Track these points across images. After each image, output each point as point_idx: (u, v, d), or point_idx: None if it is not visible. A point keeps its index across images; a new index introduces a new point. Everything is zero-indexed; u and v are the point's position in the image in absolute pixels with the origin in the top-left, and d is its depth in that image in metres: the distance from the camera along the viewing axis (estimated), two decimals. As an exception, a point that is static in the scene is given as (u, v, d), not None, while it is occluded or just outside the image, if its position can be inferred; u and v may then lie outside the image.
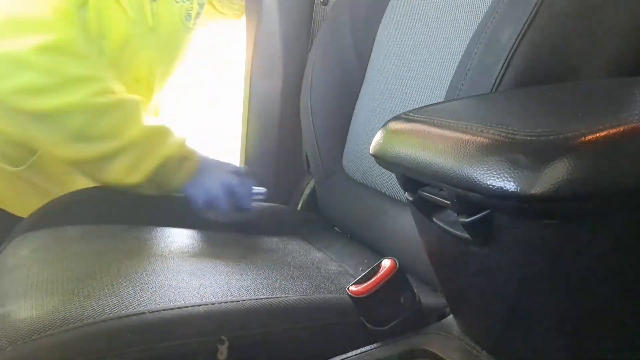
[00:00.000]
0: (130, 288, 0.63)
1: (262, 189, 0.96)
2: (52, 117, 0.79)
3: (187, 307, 0.58)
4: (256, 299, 0.61)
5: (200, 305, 0.59)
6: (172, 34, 0.96)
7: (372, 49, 0.97)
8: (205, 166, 0.91)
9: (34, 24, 0.77)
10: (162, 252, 0.76)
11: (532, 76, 0.57)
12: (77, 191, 0.89)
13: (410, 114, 0.49)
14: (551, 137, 0.34)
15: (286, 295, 0.67)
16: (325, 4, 1.10)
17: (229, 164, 0.96)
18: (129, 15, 0.87)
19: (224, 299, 0.61)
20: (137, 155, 0.83)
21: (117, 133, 0.82)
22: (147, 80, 0.96)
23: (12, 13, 0.76)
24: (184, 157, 0.88)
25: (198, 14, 0.99)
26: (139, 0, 0.88)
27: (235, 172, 0.93)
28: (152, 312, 0.56)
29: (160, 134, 0.87)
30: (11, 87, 0.76)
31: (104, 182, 0.86)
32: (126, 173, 0.83)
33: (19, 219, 0.91)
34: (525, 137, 0.35)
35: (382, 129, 0.51)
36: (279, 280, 0.72)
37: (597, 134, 0.33)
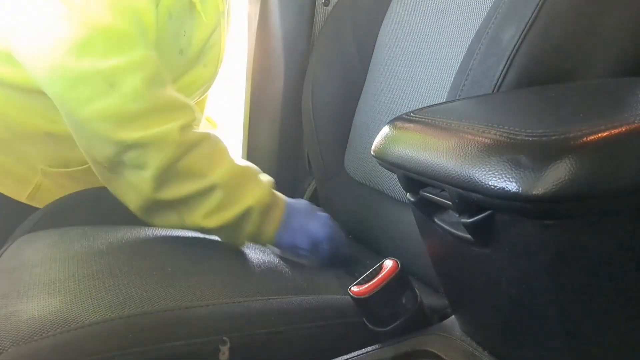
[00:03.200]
0: (132, 288, 0.63)
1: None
2: (139, 147, 0.69)
3: (189, 307, 0.58)
4: (258, 300, 0.61)
5: (202, 305, 0.59)
6: (228, 14, 0.96)
7: (373, 49, 0.97)
8: (294, 210, 0.81)
9: (121, 40, 0.70)
10: (164, 252, 0.76)
11: (534, 76, 0.57)
12: (79, 192, 0.90)
13: (412, 114, 0.49)
14: (553, 138, 0.34)
15: (288, 295, 0.67)
16: (326, 4, 1.10)
17: (314, 206, 0.86)
18: (203, 19, 0.86)
19: (225, 300, 0.61)
20: (221, 197, 0.74)
21: (201, 172, 0.73)
22: (216, 61, 0.95)
23: (98, 28, 0.68)
24: (267, 206, 0.78)
25: (229, 10, 0.98)
26: (213, 1, 0.88)
27: (328, 217, 0.84)
28: (154, 312, 0.56)
29: (243, 175, 0.77)
30: (97, 111, 0.67)
31: (181, 225, 0.76)
32: (206, 216, 0.74)
33: (24, 207, 0.91)
34: (527, 138, 0.35)
35: (384, 129, 0.51)
36: (280, 281, 0.72)
37: (599, 134, 0.33)
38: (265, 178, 0.81)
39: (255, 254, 0.82)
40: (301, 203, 0.84)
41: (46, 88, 0.71)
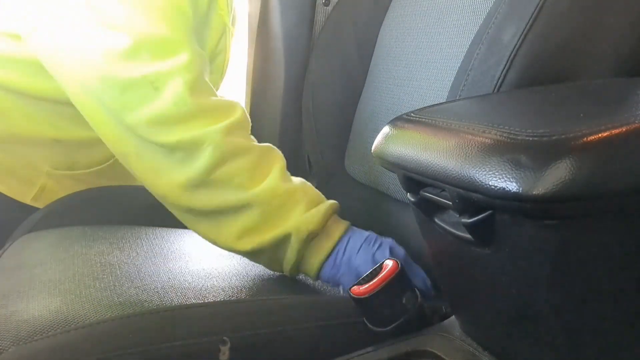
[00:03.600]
0: (132, 289, 0.63)
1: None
2: (179, 150, 0.68)
3: (189, 307, 0.58)
4: (258, 300, 0.62)
5: (202, 305, 0.59)
6: (227, 40, 0.96)
7: (374, 49, 0.97)
8: (348, 242, 0.72)
9: (165, 45, 0.70)
10: (164, 252, 0.76)
11: (534, 76, 0.57)
12: (80, 192, 0.90)
13: (412, 114, 0.49)
14: (553, 138, 0.34)
15: (288, 295, 0.67)
16: (327, 4, 1.10)
17: (381, 237, 0.74)
18: (224, 20, 0.87)
19: (226, 300, 0.61)
20: (258, 216, 0.69)
21: (244, 183, 0.69)
22: (221, 67, 0.95)
23: (142, 34, 0.69)
24: (317, 233, 0.70)
25: (234, 17, 0.98)
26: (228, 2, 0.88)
27: (391, 248, 0.73)
28: (154, 312, 0.56)
29: (290, 199, 0.70)
30: (144, 115, 0.67)
31: (214, 241, 0.72)
32: (239, 236, 0.69)
33: (25, 207, 0.91)
34: (527, 138, 0.35)
35: (384, 129, 0.51)
36: (281, 281, 0.72)
37: (599, 135, 0.33)
38: (324, 204, 0.72)
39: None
40: (364, 235, 0.73)
41: (94, 96, 0.70)
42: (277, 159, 0.75)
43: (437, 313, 0.62)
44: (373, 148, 0.51)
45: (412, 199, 0.49)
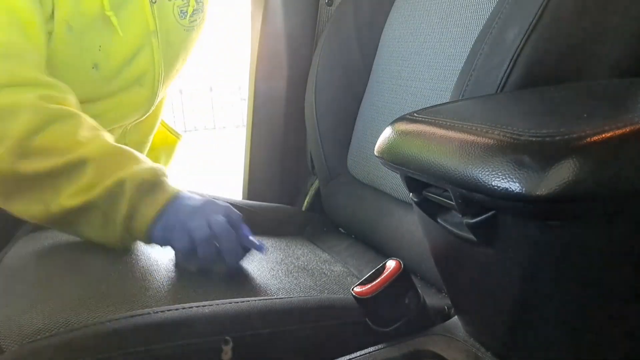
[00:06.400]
0: (134, 288, 0.63)
1: (256, 241, 0.73)
2: None
3: (192, 307, 0.58)
4: (260, 300, 0.61)
5: (205, 305, 0.59)
6: (171, 33, 0.93)
7: (376, 49, 0.98)
8: (183, 202, 0.70)
9: None
10: (167, 252, 0.76)
11: (537, 77, 0.57)
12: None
13: (415, 114, 0.49)
14: (556, 138, 0.34)
15: (290, 295, 0.67)
16: (330, 4, 1.10)
17: (220, 202, 0.73)
18: (120, 35, 0.84)
19: (228, 300, 0.61)
20: (88, 174, 0.68)
21: (68, 147, 0.68)
22: (151, 82, 0.95)
23: None
24: (151, 184, 0.69)
25: (195, 10, 0.96)
26: (138, 6, 0.86)
27: (231, 213, 0.72)
28: (157, 312, 0.56)
29: (122, 154, 0.71)
30: None
31: (45, 217, 0.70)
32: (72, 197, 0.68)
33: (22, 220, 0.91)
34: (530, 138, 0.35)
35: (387, 129, 0.51)
36: (283, 281, 0.72)
37: (602, 135, 0.33)
38: (156, 164, 0.73)
39: (257, 253, 0.82)
40: (200, 199, 0.71)
41: None
42: (95, 124, 0.74)
43: (439, 313, 0.62)
44: (376, 148, 0.51)
45: (415, 199, 0.49)
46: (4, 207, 0.72)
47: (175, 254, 0.72)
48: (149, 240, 0.70)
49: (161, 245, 0.71)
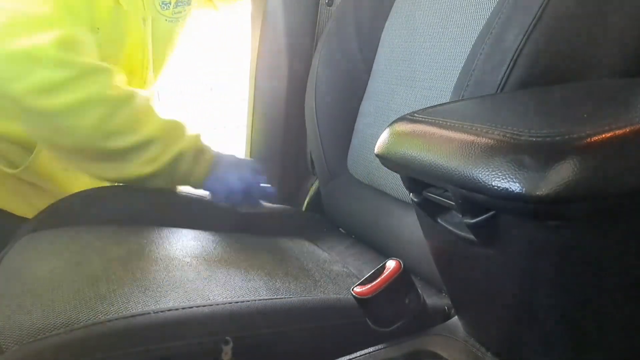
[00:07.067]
0: (135, 288, 0.63)
1: (269, 187, 0.97)
2: (69, 113, 0.78)
3: (192, 307, 0.58)
4: (260, 300, 0.61)
5: (205, 305, 0.59)
6: (154, 22, 0.96)
7: (377, 49, 0.97)
8: (222, 161, 0.92)
9: (40, 21, 0.76)
10: (167, 252, 0.76)
11: (537, 77, 0.57)
12: (82, 191, 0.90)
13: (415, 114, 0.49)
14: (557, 138, 0.34)
15: (290, 296, 0.67)
16: (330, 4, 1.10)
17: (245, 159, 0.98)
18: (122, 7, 0.87)
19: (228, 300, 0.61)
20: (155, 149, 0.83)
21: (134, 127, 0.82)
22: (140, 72, 0.96)
23: (15, 12, 0.76)
24: (200, 150, 0.89)
25: (179, 2, 0.98)
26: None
27: (253, 168, 0.95)
28: (157, 312, 0.56)
29: (175, 128, 0.87)
30: (27, 86, 0.75)
31: (120, 180, 0.87)
32: (143, 167, 0.84)
33: (23, 219, 0.91)
34: (531, 138, 0.35)
35: (387, 129, 0.50)
36: (283, 281, 0.72)
37: (603, 135, 0.33)
38: (193, 130, 0.91)
39: (257, 253, 0.82)
40: (229, 155, 0.96)
41: None
42: (150, 99, 0.88)
43: (439, 313, 0.62)
44: (376, 148, 0.51)
45: (415, 200, 0.49)
46: (81, 171, 0.89)
47: (213, 196, 0.93)
48: (199, 187, 0.93)
49: (205, 190, 0.93)
